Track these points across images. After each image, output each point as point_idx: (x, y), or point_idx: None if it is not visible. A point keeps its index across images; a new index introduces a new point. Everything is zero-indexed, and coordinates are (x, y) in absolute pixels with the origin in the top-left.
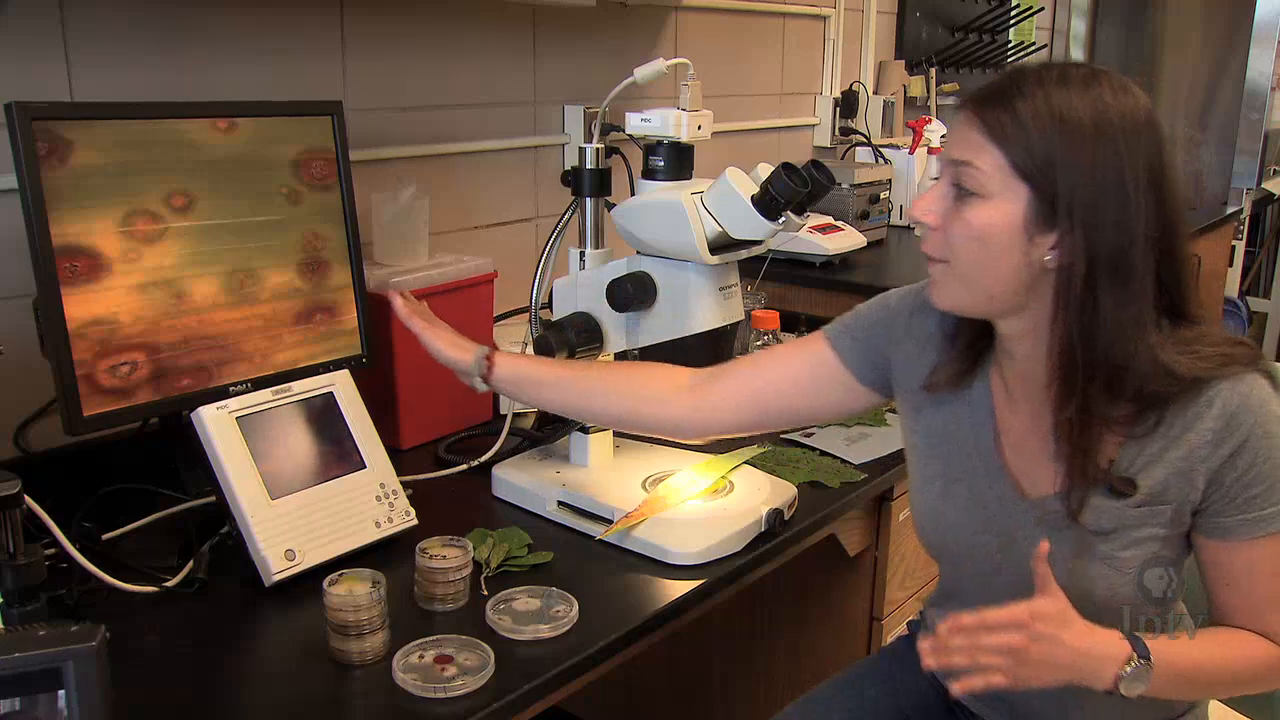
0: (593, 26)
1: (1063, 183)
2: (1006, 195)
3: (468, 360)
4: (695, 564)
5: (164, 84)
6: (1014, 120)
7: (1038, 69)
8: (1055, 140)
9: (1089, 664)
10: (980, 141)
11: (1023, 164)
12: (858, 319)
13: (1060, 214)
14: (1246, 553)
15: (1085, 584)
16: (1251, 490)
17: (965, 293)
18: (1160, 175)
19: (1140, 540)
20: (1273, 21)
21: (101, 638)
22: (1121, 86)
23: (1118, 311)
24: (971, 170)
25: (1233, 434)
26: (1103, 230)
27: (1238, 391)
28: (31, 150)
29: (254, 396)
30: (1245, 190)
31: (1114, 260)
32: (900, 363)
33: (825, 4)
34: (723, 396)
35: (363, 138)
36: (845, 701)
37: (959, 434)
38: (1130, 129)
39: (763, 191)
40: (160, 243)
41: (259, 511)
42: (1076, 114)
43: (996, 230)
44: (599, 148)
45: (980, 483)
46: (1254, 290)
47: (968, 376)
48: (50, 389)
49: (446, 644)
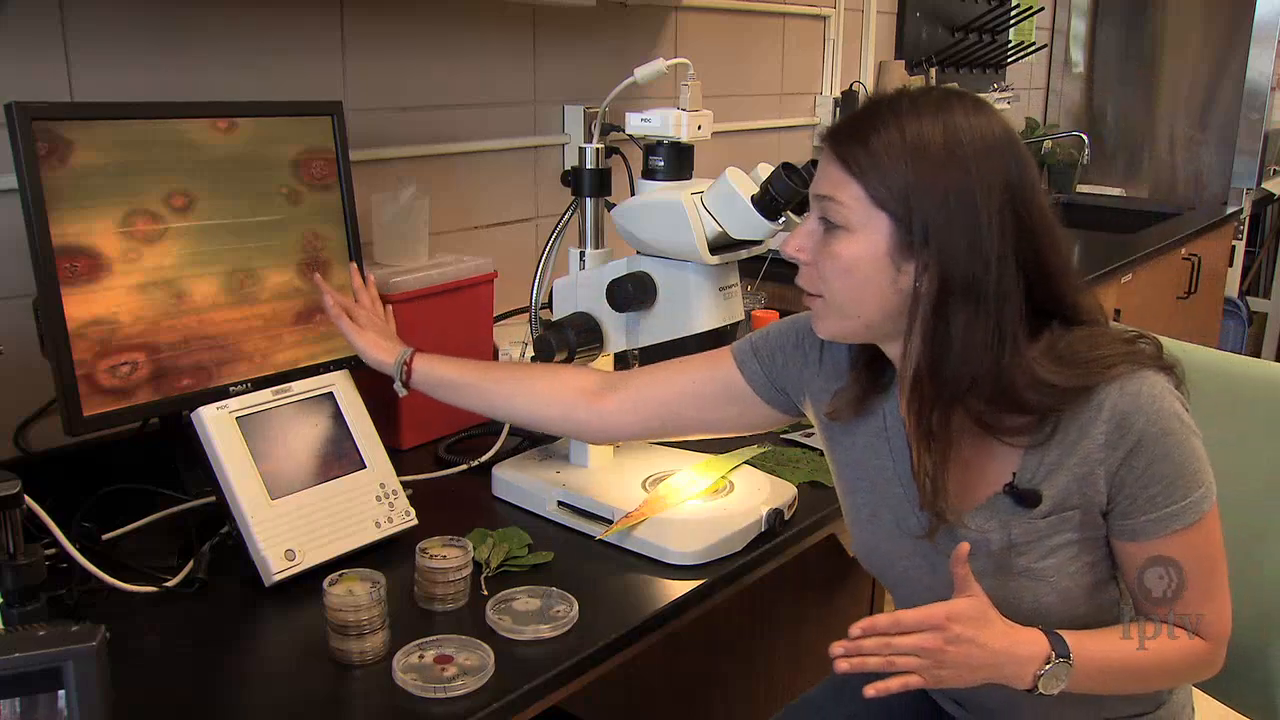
0: (593, 26)
1: (917, 210)
2: (869, 227)
3: (389, 362)
4: (695, 564)
5: (164, 84)
6: (868, 154)
7: (892, 98)
8: (908, 169)
9: (1009, 664)
10: (840, 176)
11: (880, 196)
12: (767, 342)
13: (917, 241)
14: (1156, 551)
15: (1010, 598)
16: (1151, 489)
17: (843, 322)
18: (1020, 192)
19: (1056, 548)
20: (1273, 21)
21: (101, 638)
22: (975, 107)
23: (968, 333)
24: (835, 205)
25: (1125, 435)
26: (955, 254)
27: (1127, 392)
28: (31, 150)
29: (254, 396)
30: (1245, 190)
31: (966, 283)
32: (810, 390)
33: (825, 4)
34: (625, 404)
35: (363, 138)
36: (839, 705)
37: (876, 461)
38: (982, 149)
39: (763, 191)
40: (160, 243)
41: (259, 511)
42: (927, 140)
43: (863, 262)
44: (599, 148)
45: (903, 508)
46: (1254, 290)
47: (872, 401)
48: (50, 389)
49: (446, 644)
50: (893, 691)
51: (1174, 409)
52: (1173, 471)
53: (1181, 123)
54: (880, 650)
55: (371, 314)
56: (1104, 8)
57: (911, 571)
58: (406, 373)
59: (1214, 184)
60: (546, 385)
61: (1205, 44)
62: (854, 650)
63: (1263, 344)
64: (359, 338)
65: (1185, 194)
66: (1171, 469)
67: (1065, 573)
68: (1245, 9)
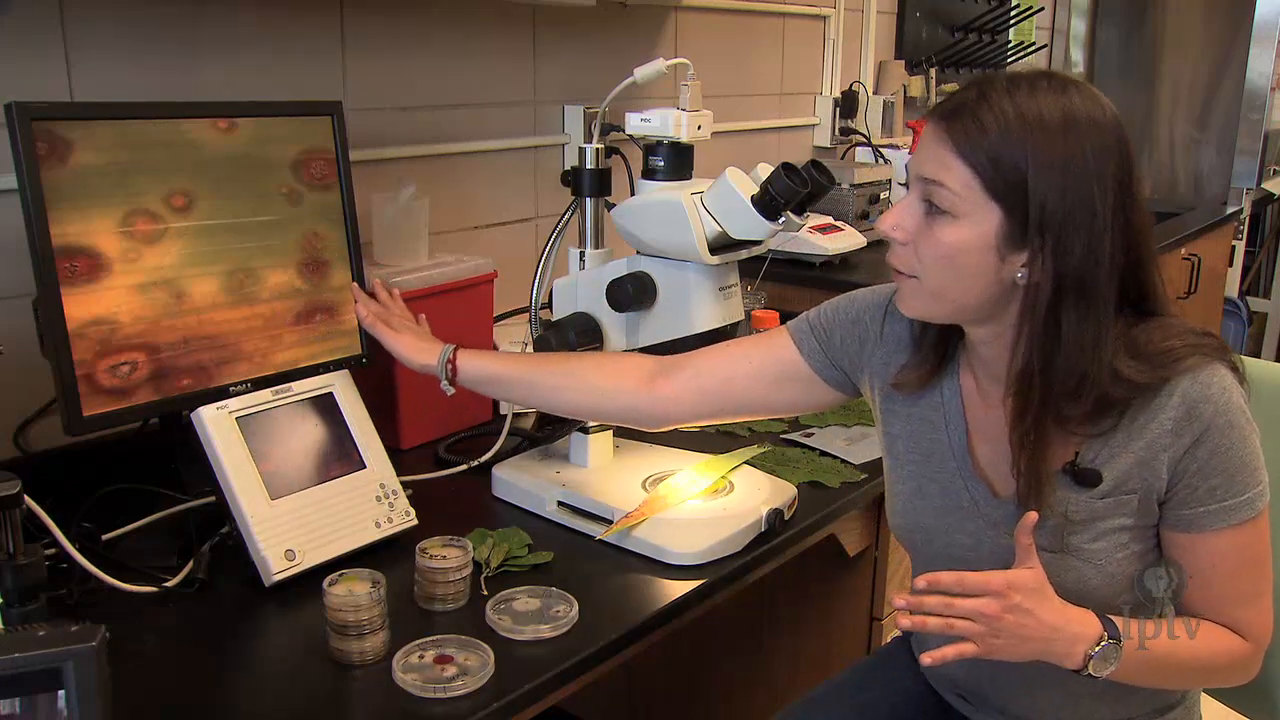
0: (593, 26)
1: (1034, 203)
2: (978, 215)
3: (432, 364)
4: (695, 564)
5: (164, 84)
6: (983, 135)
7: (1007, 78)
8: (1024, 153)
9: (1060, 639)
10: (950, 159)
11: (994, 184)
12: (823, 318)
13: (1031, 234)
14: (1209, 544)
15: (1055, 574)
16: (1212, 480)
17: (935, 304)
18: (1129, 191)
19: (1109, 531)
20: (1273, 21)
21: (101, 638)
22: (1092, 97)
23: (1078, 332)
24: (942, 190)
25: (1193, 423)
26: (1071, 251)
27: (1199, 381)
28: (31, 150)
29: (254, 396)
30: (1245, 190)
31: (1080, 282)
32: (870, 365)
33: (825, 4)
34: (684, 387)
35: (363, 138)
36: (841, 704)
37: (933, 434)
38: (1099, 139)
39: (763, 191)
40: (160, 243)
41: (259, 511)
42: (1045, 121)
43: (968, 250)
44: (599, 148)
45: (954, 483)
46: (1254, 290)
47: (936, 376)
48: (50, 389)
49: (446, 644)
50: (949, 660)
51: (1240, 404)
52: (1234, 465)
53: (1181, 123)
54: (941, 610)
55: (404, 318)
56: (1104, 8)
57: (954, 549)
58: (452, 370)
59: (1214, 184)
60: (600, 377)
61: (1205, 44)
62: (916, 606)
63: (1263, 344)
64: (397, 341)
65: (1185, 194)
66: (1233, 462)
67: (1114, 558)
68: (1245, 9)
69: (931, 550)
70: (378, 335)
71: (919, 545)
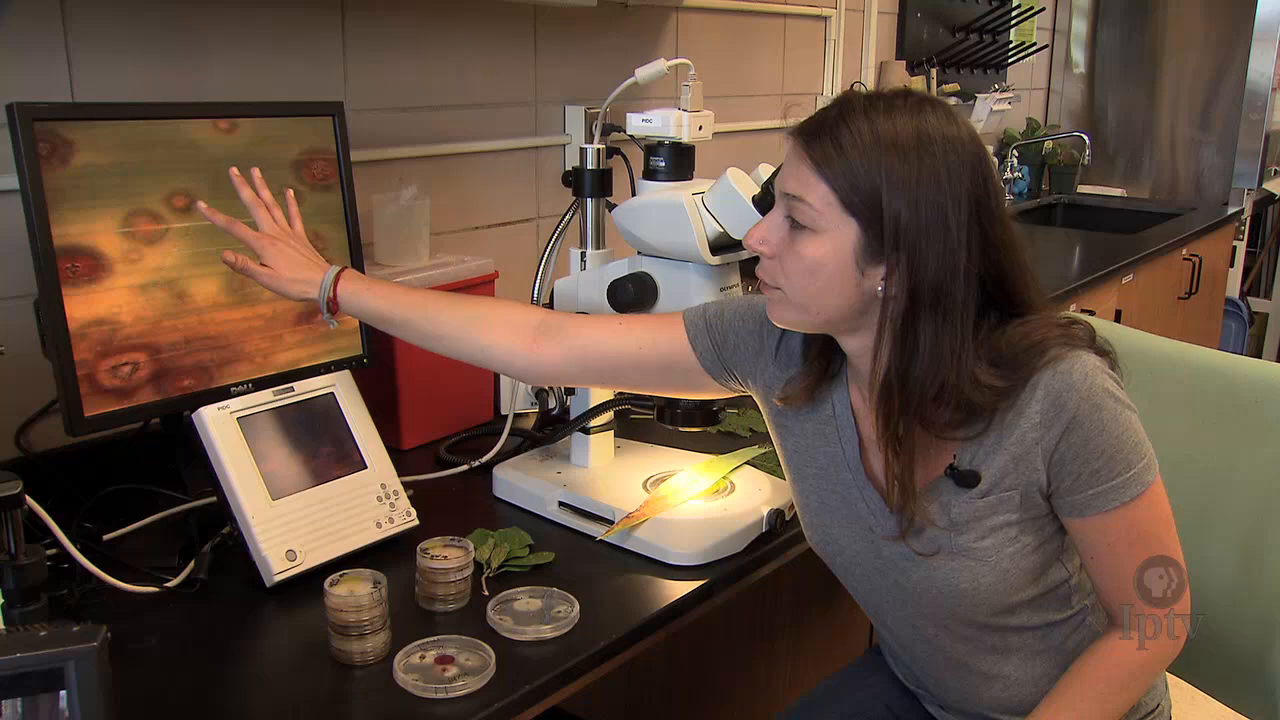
0: (593, 26)
1: (888, 217)
2: (836, 231)
3: (312, 295)
4: (696, 564)
5: (165, 84)
6: (839, 153)
7: (866, 98)
8: (879, 170)
9: None
10: (809, 176)
11: (849, 200)
12: (722, 321)
13: (887, 249)
14: (1103, 524)
15: (949, 577)
16: (1093, 464)
17: (800, 315)
18: (985, 207)
19: (995, 528)
20: (1274, 21)
21: (103, 638)
22: (947, 114)
23: (935, 342)
24: (802, 206)
25: (1060, 414)
26: (925, 263)
27: (1059, 372)
28: (33, 151)
29: (255, 397)
30: (1246, 190)
31: (935, 294)
32: (762, 377)
33: (826, 4)
34: (565, 355)
35: (363, 138)
36: (838, 704)
37: (827, 447)
38: (953, 159)
39: (763, 191)
40: (161, 243)
41: (260, 512)
42: (899, 140)
43: (828, 263)
44: (600, 148)
45: (852, 494)
46: (1255, 291)
47: (825, 389)
48: (51, 389)
49: (447, 644)
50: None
51: (1106, 386)
52: (1111, 446)
53: (1182, 123)
54: None
55: (283, 226)
56: (1105, 8)
57: (860, 555)
58: (333, 304)
59: (1215, 184)
60: (480, 330)
61: (1206, 44)
62: None
63: (1264, 344)
64: (273, 279)
65: (1186, 194)
66: (1109, 444)
67: (1004, 553)
68: (1246, 9)
69: (845, 560)
70: (250, 274)
71: (833, 558)
